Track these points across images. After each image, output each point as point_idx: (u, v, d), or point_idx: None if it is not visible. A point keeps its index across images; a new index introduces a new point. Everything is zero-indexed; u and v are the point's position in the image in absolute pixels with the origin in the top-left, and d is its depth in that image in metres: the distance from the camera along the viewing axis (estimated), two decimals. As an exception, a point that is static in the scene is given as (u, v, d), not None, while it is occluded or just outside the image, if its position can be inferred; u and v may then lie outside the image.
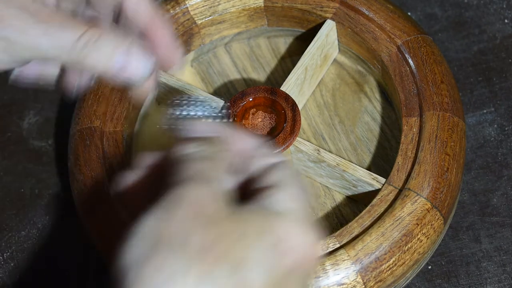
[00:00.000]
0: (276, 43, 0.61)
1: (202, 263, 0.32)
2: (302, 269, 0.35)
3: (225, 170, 0.37)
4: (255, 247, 0.33)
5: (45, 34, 0.42)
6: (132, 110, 0.56)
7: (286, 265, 0.34)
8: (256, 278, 0.33)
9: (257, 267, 0.33)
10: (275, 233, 0.34)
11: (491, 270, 0.53)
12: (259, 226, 0.35)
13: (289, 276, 0.34)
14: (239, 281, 0.32)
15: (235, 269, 0.33)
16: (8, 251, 0.57)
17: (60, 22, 0.42)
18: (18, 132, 0.63)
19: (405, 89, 0.53)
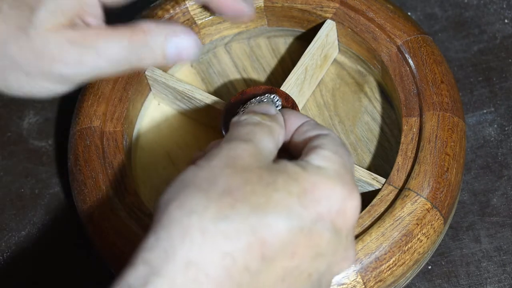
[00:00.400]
0: (276, 43, 0.61)
1: (221, 203, 0.34)
2: (331, 222, 0.36)
3: (267, 134, 0.39)
4: (279, 194, 0.35)
5: (98, 57, 0.43)
6: (132, 110, 0.56)
7: (312, 214, 0.35)
8: (276, 223, 0.34)
9: (278, 213, 0.34)
10: (302, 184, 0.35)
11: (491, 270, 0.53)
12: (289, 176, 0.36)
13: (315, 226, 0.35)
14: (257, 223, 0.33)
15: (254, 212, 0.34)
16: (8, 251, 0.57)
17: (106, 38, 0.44)
18: (18, 132, 0.63)
19: (405, 89, 0.53)
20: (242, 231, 0.33)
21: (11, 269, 0.57)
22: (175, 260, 0.32)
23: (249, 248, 0.33)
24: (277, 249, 0.34)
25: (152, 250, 0.33)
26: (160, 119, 0.58)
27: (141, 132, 0.58)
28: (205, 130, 0.57)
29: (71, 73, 0.44)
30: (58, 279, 0.56)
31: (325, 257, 0.36)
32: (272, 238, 0.34)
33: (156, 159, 0.56)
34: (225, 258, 0.33)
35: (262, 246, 0.33)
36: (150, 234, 0.34)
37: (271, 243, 0.34)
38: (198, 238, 0.33)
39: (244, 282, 0.33)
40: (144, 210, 0.50)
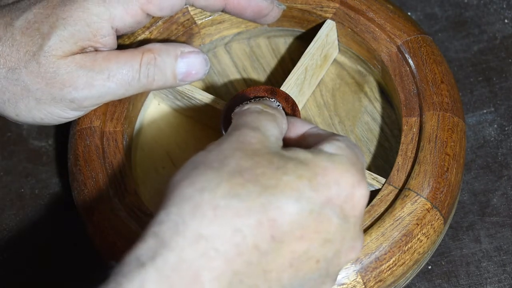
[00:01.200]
0: (276, 43, 0.61)
1: (232, 182, 0.34)
2: (340, 208, 0.36)
3: (272, 121, 0.40)
4: (289, 177, 0.35)
5: (108, 80, 0.44)
6: (132, 110, 0.56)
7: (321, 197, 0.35)
8: (286, 204, 0.34)
9: (288, 195, 0.34)
10: (312, 169, 0.36)
11: (491, 270, 0.53)
12: (299, 161, 0.36)
13: (324, 210, 0.35)
14: (267, 203, 0.34)
15: (265, 193, 0.34)
16: (8, 251, 0.57)
17: (116, 61, 0.45)
18: (18, 132, 0.63)
19: (405, 89, 0.53)
20: (253, 209, 0.33)
21: (11, 269, 0.57)
22: (185, 234, 0.33)
23: (259, 227, 0.33)
24: (287, 231, 0.34)
25: (162, 224, 0.33)
26: (160, 119, 0.58)
27: (141, 132, 0.58)
28: (205, 130, 0.57)
29: (81, 97, 0.45)
30: (58, 279, 0.56)
31: (333, 244, 0.36)
32: (282, 219, 0.34)
33: (156, 159, 0.56)
34: (236, 234, 0.33)
35: (272, 226, 0.34)
36: (160, 211, 0.34)
37: (281, 224, 0.34)
38: (210, 214, 0.33)
39: (253, 261, 0.33)
40: (144, 210, 0.50)
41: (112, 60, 0.45)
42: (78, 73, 0.44)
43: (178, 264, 0.32)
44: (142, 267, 0.32)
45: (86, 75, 0.44)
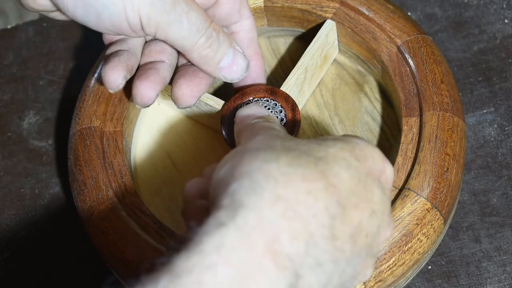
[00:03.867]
0: (276, 43, 0.61)
1: (288, 155, 0.35)
2: (378, 180, 0.37)
3: (277, 125, 0.42)
4: (334, 149, 0.36)
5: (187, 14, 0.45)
6: (132, 110, 0.56)
7: (364, 167, 0.37)
8: (339, 171, 0.35)
9: (339, 163, 0.36)
10: (349, 143, 0.37)
11: (491, 270, 0.53)
12: (334, 138, 0.38)
13: (368, 179, 0.36)
14: (325, 170, 0.35)
15: (320, 162, 0.35)
16: (8, 251, 0.57)
17: (197, 7, 0.46)
18: (18, 132, 0.63)
19: (405, 89, 0.53)
20: (316, 175, 0.34)
21: (11, 269, 0.57)
22: (263, 195, 0.33)
23: (326, 190, 0.34)
24: (346, 196, 0.35)
25: (236, 192, 0.34)
26: (160, 119, 0.58)
27: (141, 132, 0.58)
28: (205, 130, 0.57)
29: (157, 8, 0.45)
30: (58, 279, 0.56)
31: (377, 216, 0.36)
32: (340, 185, 0.35)
33: (156, 159, 0.56)
34: (309, 197, 0.34)
35: (335, 191, 0.34)
36: (227, 187, 0.34)
37: (340, 189, 0.35)
38: (281, 179, 0.34)
39: (325, 224, 0.34)
40: (144, 210, 0.50)
41: (194, 5, 0.46)
42: None
43: (258, 223, 0.32)
44: (223, 225, 0.32)
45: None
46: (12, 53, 0.67)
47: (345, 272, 0.35)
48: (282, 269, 0.32)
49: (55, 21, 0.68)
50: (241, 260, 0.31)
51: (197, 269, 0.31)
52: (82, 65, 0.65)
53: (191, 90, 0.48)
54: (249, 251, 0.32)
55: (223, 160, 0.37)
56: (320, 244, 0.33)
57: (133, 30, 0.46)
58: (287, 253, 0.32)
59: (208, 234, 0.32)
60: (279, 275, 0.32)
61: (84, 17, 0.45)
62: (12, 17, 0.89)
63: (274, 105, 0.52)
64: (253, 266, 0.31)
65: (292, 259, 0.32)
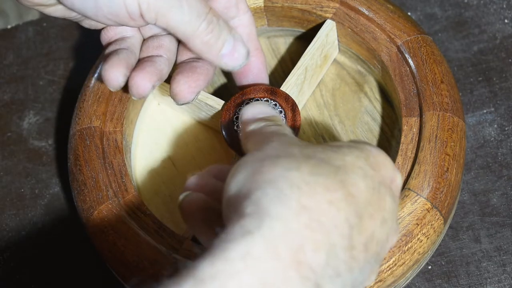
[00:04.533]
0: (276, 43, 0.61)
1: (308, 163, 0.35)
2: (390, 188, 0.37)
3: (286, 129, 0.42)
4: (350, 158, 0.36)
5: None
6: (132, 110, 0.56)
7: (378, 176, 0.36)
8: (357, 180, 0.35)
9: (356, 172, 0.35)
10: (362, 150, 0.37)
11: (491, 270, 0.53)
12: (349, 145, 0.37)
13: (381, 188, 0.36)
14: (344, 179, 0.35)
15: (339, 171, 0.35)
16: (8, 251, 0.57)
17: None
18: (18, 132, 0.63)
19: (405, 89, 0.53)
20: (336, 185, 0.34)
21: (11, 269, 0.57)
22: (288, 204, 0.33)
23: (346, 200, 0.34)
24: (363, 206, 0.35)
25: (260, 200, 0.33)
26: (160, 119, 0.58)
27: (141, 132, 0.58)
28: (205, 130, 0.57)
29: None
30: (58, 279, 0.56)
31: (387, 224, 0.36)
32: (358, 194, 0.35)
33: (156, 159, 0.56)
34: (331, 207, 0.33)
35: (353, 201, 0.34)
36: (249, 192, 0.34)
37: (358, 199, 0.35)
38: (305, 188, 0.33)
39: (345, 234, 0.34)
40: (144, 210, 0.50)
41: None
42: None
43: (284, 233, 0.32)
44: (249, 234, 0.32)
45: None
46: (12, 53, 0.67)
47: (356, 280, 0.35)
48: (305, 280, 0.32)
49: (55, 21, 0.68)
50: (266, 269, 0.31)
51: (222, 276, 0.30)
52: (82, 65, 0.65)
53: (189, 86, 0.48)
54: (275, 261, 0.31)
55: (238, 166, 0.37)
56: (340, 255, 0.33)
57: (131, 18, 0.46)
58: (310, 264, 0.32)
59: (234, 242, 0.32)
60: (301, 286, 0.32)
61: (82, 5, 0.45)
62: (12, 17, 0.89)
63: (274, 105, 0.52)
64: (278, 276, 0.31)
65: (314, 269, 0.32)
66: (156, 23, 0.46)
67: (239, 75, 0.54)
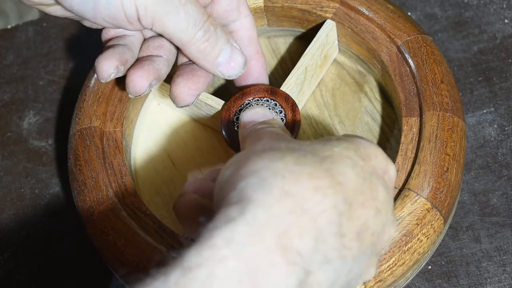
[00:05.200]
0: (276, 43, 0.61)
1: (293, 155, 0.35)
2: (382, 179, 0.37)
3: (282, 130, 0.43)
4: (339, 148, 0.37)
5: (183, 6, 0.45)
6: (132, 110, 0.56)
7: (368, 166, 0.37)
8: (345, 169, 0.35)
9: (345, 162, 0.36)
10: (353, 142, 0.37)
11: (491, 270, 0.53)
12: (338, 138, 0.38)
13: (372, 178, 0.36)
14: (331, 169, 0.35)
15: (325, 161, 0.35)
16: (8, 251, 0.57)
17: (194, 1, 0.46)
18: (18, 132, 0.63)
19: (405, 89, 0.53)
20: (321, 173, 0.35)
21: (11, 269, 0.57)
22: (271, 191, 0.33)
23: (333, 187, 0.34)
24: (352, 194, 0.35)
25: (244, 190, 0.34)
26: (160, 119, 0.58)
27: (141, 132, 0.58)
28: (205, 130, 0.57)
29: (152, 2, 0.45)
30: (58, 279, 0.56)
31: (381, 215, 0.36)
32: (346, 183, 0.35)
33: (156, 159, 0.56)
34: (316, 193, 0.34)
35: (341, 189, 0.35)
36: (235, 185, 0.35)
37: (347, 187, 0.35)
38: (288, 176, 0.34)
39: (333, 220, 0.34)
40: (144, 210, 0.50)
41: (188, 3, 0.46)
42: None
43: (268, 219, 0.33)
44: (232, 220, 0.32)
45: None
46: (12, 53, 0.67)
47: (351, 270, 0.35)
48: (292, 264, 0.32)
49: (55, 21, 0.68)
50: (251, 254, 0.31)
51: (208, 262, 0.31)
52: (82, 65, 0.65)
53: (189, 89, 0.48)
54: (259, 246, 0.32)
55: (227, 163, 0.38)
56: (329, 241, 0.34)
57: (129, 22, 0.46)
58: (297, 249, 0.32)
59: (218, 229, 0.32)
60: (288, 270, 0.32)
61: (81, 7, 0.45)
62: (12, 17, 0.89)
63: (274, 105, 0.52)
64: (263, 260, 0.32)
65: (302, 254, 0.32)
66: (153, 28, 0.46)
67: (240, 79, 0.54)
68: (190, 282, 0.30)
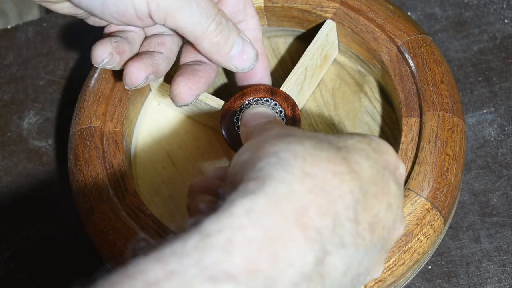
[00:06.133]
0: (276, 43, 0.61)
1: (311, 141, 0.35)
2: (394, 175, 0.37)
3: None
4: (353, 141, 0.37)
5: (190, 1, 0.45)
6: (132, 110, 0.56)
7: (382, 160, 0.37)
8: (360, 159, 0.36)
9: (359, 153, 0.36)
10: (365, 137, 0.38)
11: (491, 270, 0.53)
12: (351, 133, 0.38)
13: (385, 172, 0.37)
14: (347, 157, 0.35)
15: (341, 151, 0.35)
16: (8, 251, 0.57)
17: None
18: (18, 132, 0.63)
19: (405, 89, 0.53)
20: (339, 160, 0.35)
21: (11, 269, 0.57)
22: (292, 171, 0.33)
23: (350, 174, 0.34)
24: (367, 184, 0.35)
25: (264, 169, 0.34)
26: (160, 119, 0.58)
27: (141, 132, 0.58)
28: (205, 130, 0.57)
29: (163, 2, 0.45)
30: (58, 279, 0.56)
31: (392, 210, 0.37)
32: (362, 172, 0.35)
33: (156, 159, 0.56)
34: (335, 177, 0.34)
35: (358, 177, 0.35)
36: (253, 164, 0.34)
37: (362, 177, 0.35)
38: (308, 158, 0.34)
39: (350, 206, 0.34)
40: (144, 210, 0.50)
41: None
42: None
43: (288, 194, 0.33)
44: (252, 193, 0.32)
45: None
46: (12, 53, 0.67)
47: (362, 262, 0.35)
48: (311, 241, 0.32)
49: (55, 21, 0.68)
50: (270, 225, 0.31)
51: (227, 229, 0.31)
52: (82, 65, 0.65)
53: (189, 88, 0.48)
54: (278, 218, 0.32)
55: (240, 150, 0.38)
56: (345, 225, 0.34)
57: (139, 18, 0.46)
58: (316, 227, 0.32)
59: (237, 200, 0.32)
60: (307, 246, 0.32)
61: (89, 2, 0.45)
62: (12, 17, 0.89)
63: (274, 105, 0.52)
64: (282, 233, 0.31)
65: (321, 233, 0.32)
66: (165, 24, 0.46)
67: (242, 79, 0.54)
68: (209, 247, 0.30)
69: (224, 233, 0.31)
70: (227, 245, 0.30)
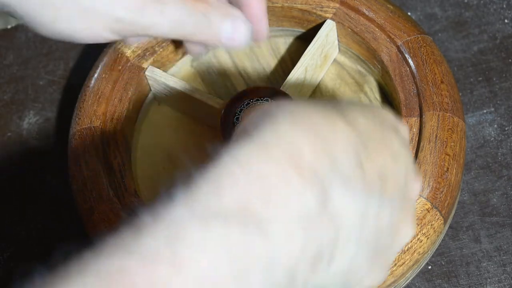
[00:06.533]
0: (276, 43, 0.61)
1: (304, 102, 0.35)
2: (394, 132, 0.37)
3: None
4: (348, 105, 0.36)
5: (160, 12, 0.45)
6: (132, 110, 0.56)
7: (379, 119, 0.36)
8: (355, 115, 0.35)
9: (353, 109, 0.35)
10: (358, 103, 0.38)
11: (491, 270, 0.53)
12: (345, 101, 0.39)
13: (384, 127, 0.36)
14: (344, 114, 0.34)
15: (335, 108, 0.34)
16: (8, 251, 0.57)
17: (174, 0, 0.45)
18: (18, 132, 0.63)
19: (405, 89, 0.53)
20: (334, 113, 0.34)
21: (11, 269, 0.57)
22: (281, 121, 0.32)
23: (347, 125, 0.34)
24: (366, 137, 0.34)
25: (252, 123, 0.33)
26: (160, 119, 0.58)
27: (141, 132, 0.58)
28: (205, 130, 0.57)
29: (128, 19, 0.44)
30: (58, 279, 0.56)
31: (399, 163, 0.36)
32: (359, 126, 0.34)
33: (156, 159, 0.56)
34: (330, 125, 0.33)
35: (354, 128, 0.34)
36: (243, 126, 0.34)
37: (360, 130, 0.34)
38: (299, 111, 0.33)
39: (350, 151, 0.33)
40: (144, 210, 0.50)
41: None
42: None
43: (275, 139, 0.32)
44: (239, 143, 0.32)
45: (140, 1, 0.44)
46: (12, 53, 0.67)
47: (380, 214, 0.34)
48: (308, 180, 0.31)
49: (55, 21, 0.68)
50: (260, 169, 0.30)
51: (216, 177, 0.30)
52: (82, 65, 0.65)
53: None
54: (268, 162, 0.31)
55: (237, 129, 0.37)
56: (346, 166, 0.32)
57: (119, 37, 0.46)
58: (311, 167, 0.31)
59: (225, 152, 0.32)
60: (304, 186, 0.31)
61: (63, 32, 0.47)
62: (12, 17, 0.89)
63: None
64: (274, 176, 0.30)
65: (317, 172, 0.31)
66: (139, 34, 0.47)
67: None
68: (198, 196, 0.30)
69: (213, 181, 0.30)
70: (216, 191, 0.30)
